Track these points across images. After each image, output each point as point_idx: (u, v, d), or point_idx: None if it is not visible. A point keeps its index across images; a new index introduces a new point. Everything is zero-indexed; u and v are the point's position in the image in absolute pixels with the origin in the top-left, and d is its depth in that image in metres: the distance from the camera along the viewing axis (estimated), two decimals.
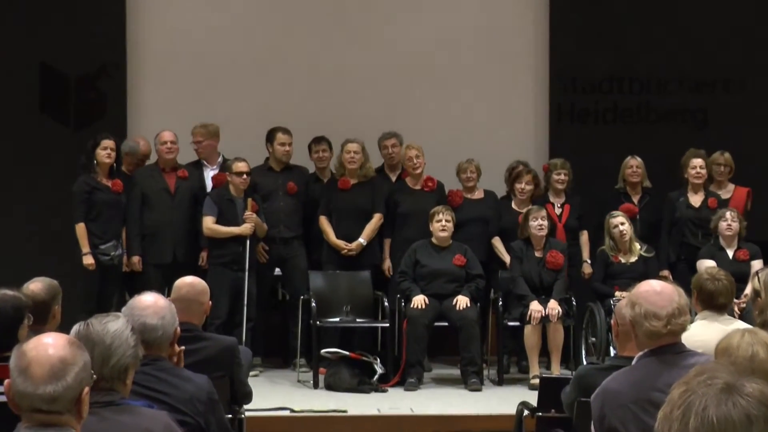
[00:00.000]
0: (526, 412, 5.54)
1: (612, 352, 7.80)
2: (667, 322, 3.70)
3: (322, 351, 8.53)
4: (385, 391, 8.35)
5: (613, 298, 8.41)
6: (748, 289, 7.97)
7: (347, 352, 8.51)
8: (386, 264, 9.29)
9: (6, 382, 2.71)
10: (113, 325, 3.23)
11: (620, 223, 8.87)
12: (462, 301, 8.62)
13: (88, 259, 8.66)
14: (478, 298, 8.80)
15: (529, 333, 8.54)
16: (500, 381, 8.68)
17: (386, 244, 9.34)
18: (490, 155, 9.69)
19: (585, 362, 8.49)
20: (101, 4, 10.20)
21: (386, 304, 8.80)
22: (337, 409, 7.68)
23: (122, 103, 10.22)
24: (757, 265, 8.65)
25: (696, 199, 9.32)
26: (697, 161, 9.31)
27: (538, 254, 8.85)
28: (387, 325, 8.77)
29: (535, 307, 8.53)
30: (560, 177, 9.42)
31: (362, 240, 9.15)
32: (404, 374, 8.52)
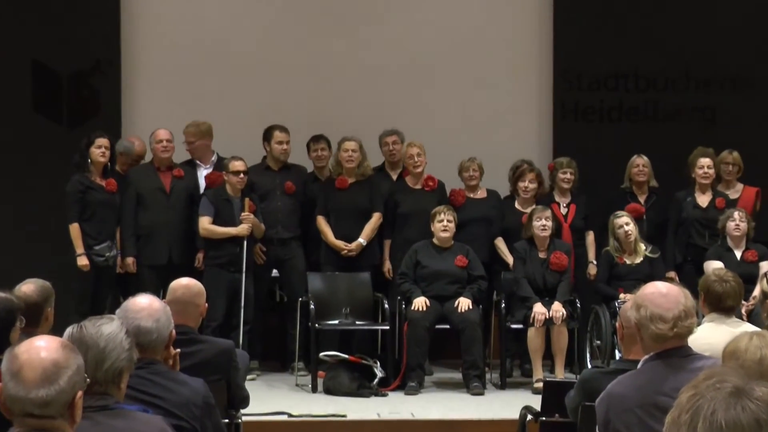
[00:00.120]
0: (530, 417, 5.54)
1: (617, 356, 7.80)
2: (674, 324, 3.69)
3: (321, 354, 8.53)
4: (385, 396, 8.35)
5: (618, 301, 8.40)
6: (757, 291, 8.01)
7: (346, 356, 8.50)
8: (386, 265, 9.29)
9: None
10: (107, 328, 3.23)
11: (625, 224, 8.86)
12: (464, 303, 8.61)
13: (83, 260, 8.66)
14: (481, 300, 8.80)
15: (533, 336, 8.54)
16: (503, 385, 8.67)
17: (386, 244, 9.33)
18: (493, 154, 9.68)
19: (589, 366, 8.47)
20: (95, 0, 10.20)
21: (386, 306, 8.80)
22: (336, 413, 7.67)
23: (116, 101, 10.21)
24: (765, 266, 8.66)
25: (703, 199, 9.31)
26: (704, 161, 9.29)
27: (542, 255, 8.84)
28: (387, 327, 8.77)
29: (539, 309, 8.53)
30: (566, 176, 9.41)
31: (362, 240, 9.15)
32: (405, 378, 8.52)
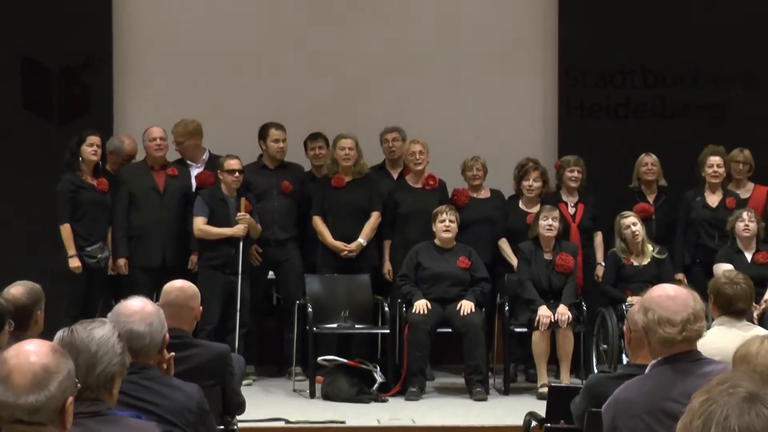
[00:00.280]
0: (534, 423, 5.54)
1: (624, 360, 7.81)
2: (682, 328, 3.69)
3: (319, 359, 8.53)
4: (385, 401, 8.35)
5: (626, 303, 8.40)
6: None
7: (345, 360, 8.51)
8: (386, 267, 9.29)
9: None
10: (99, 332, 3.23)
11: (632, 224, 8.86)
12: (466, 306, 8.61)
13: (75, 262, 8.64)
14: (484, 302, 8.80)
15: (537, 339, 8.54)
16: (507, 390, 8.68)
17: (386, 245, 9.33)
18: (497, 153, 9.69)
19: (596, 370, 8.48)
20: None
21: (386, 309, 8.80)
22: (335, 420, 7.68)
23: (108, 98, 10.22)
24: None
25: (713, 199, 9.30)
26: (714, 159, 9.28)
27: (547, 256, 8.84)
28: (387, 331, 8.77)
29: (544, 312, 8.53)
30: (573, 174, 9.40)
31: (362, 240, 9.15)
32: (405, 383, 8.52)
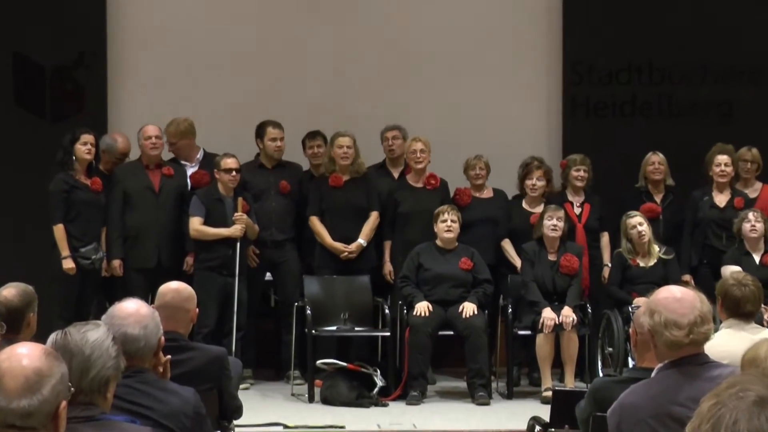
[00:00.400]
0: (538, 428, 5.56)
1: (630, 364, 7.81)
2: (689, 331, 3.69)
3: (318, 362, 8.53)
4: (385, 406, 8.36)
5: (632, 306, 8.40)
6: None
7: (345, 363, 8.51)
8: (387, 268, 9.28)
9: None
10: (93, 335, 3.23)
11: (638, 224, 8.86)
12: (468, 308, 8.62)
13: (69, 263, 8.64)
14: (486, 304, 8.81)
15: (541, 342, 8.55)
16: (510, 394, 8.69)
17: (386, 246, 9.33)
18: (499, 151, 9.68)
19: (601, 374, 8.49)
20: None
21: (387, 311, 8.81)
22: (334, 424, 7.69)
23: (102, 96, 10.21)
24: None
25: (721, 199, 9.30)
26: (722, 158, 9.28)
27: (551, 257, 8.84)
28: (388, 334, 8.78)
29: (548, 314, 8.53)
30: (580, 174, 9.40)
31: (362, 241, 9.14)
32: (406, 387, 8.53)
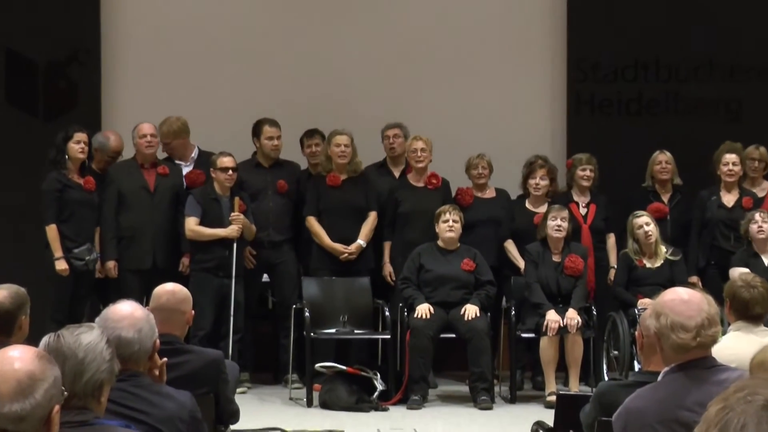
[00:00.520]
0: None
1: (636, 367, 7.81)
2: (696, 333, 3.69)
3: (317, 365, 8.53)
4: (386, 410, 8.36)
5: (638, 308, 8.40)
6: None
7: (344, 367, 8.51)
8: (387, 269, 9.28)
9: None
10: (86, 337, 3.23)
11: (645, 224, 8.86)
12: (471, 311, 8.62)
13: (62, 264, 8.64)
14: (489, 306, 8.81)
15: (545, 345, 8.55)
16: (513, 398, 8.68)
17: (386, 247, 9.33)
18: (502, 150, 9.69)
19: (606, 378, 8.48)
20: None
21: (387, 313, 8.80)
22: (333, 429, 7.69)
23: (96, 93, 10.22)
24: None
25: (729, 198, 9.30)
26: (730, 157, 9.28)
27: (555, 258, 8.84)
28: (388, 336, 8.78)
29: (552, 316, 8.53)
30: (585, 173, 9.40)
31: (362, 241, 9.14)
32: (407, 391, 8.53)
